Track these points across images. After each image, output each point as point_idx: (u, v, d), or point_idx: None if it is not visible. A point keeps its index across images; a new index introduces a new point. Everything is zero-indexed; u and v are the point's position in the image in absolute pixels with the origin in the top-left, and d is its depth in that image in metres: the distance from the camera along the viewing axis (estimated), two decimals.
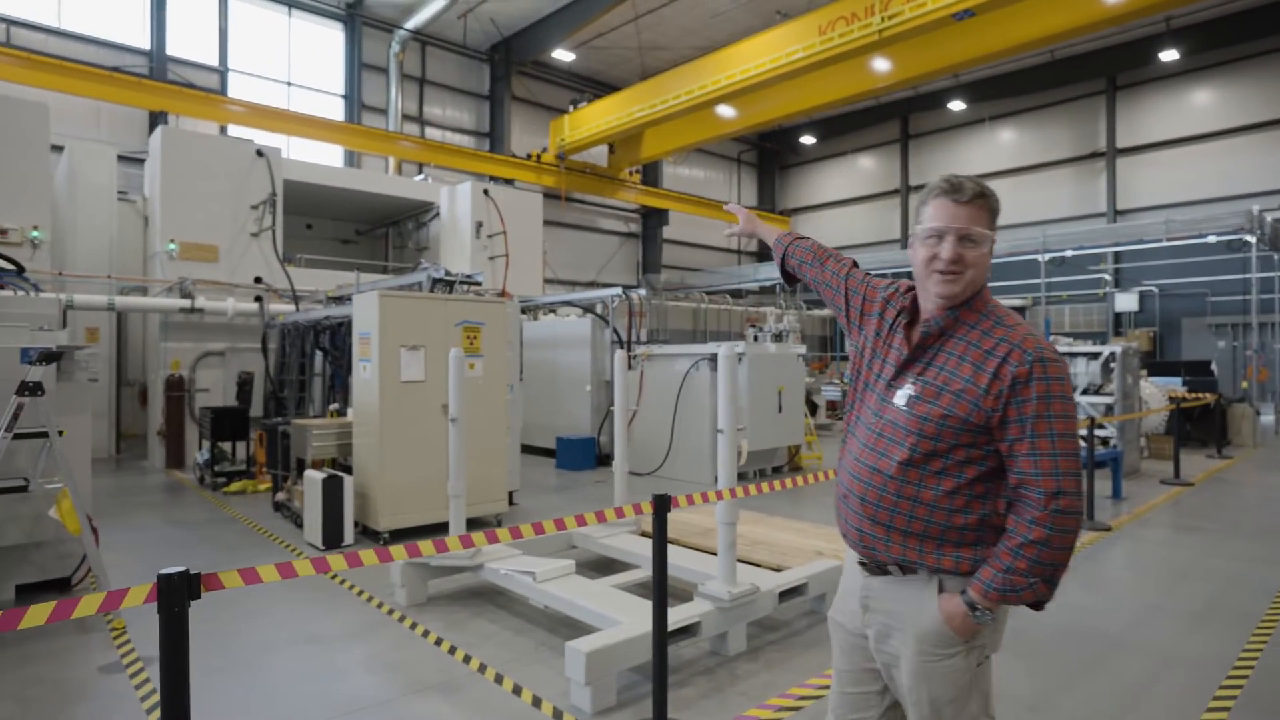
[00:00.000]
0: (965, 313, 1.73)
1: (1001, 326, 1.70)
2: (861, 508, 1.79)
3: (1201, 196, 19.30)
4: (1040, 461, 1.61)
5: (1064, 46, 20.08)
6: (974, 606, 1.67)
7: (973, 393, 1.66)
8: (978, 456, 1.68)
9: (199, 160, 10.32)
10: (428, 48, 19.60)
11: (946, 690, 1.72)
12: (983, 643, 1.75)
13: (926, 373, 1.74)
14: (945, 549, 1.71)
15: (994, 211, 1.75)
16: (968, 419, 1.66)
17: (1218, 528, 6.71)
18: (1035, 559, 1.60)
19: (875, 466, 1.77)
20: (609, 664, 3.32)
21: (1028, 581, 1.61)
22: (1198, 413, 12.12)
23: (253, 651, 3.97)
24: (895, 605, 1.78)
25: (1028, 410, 1.62)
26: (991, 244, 1.73)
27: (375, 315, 6.19)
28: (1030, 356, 1.63)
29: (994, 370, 1.65)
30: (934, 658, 1.72)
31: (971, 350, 1.70)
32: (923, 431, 1.70)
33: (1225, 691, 3.43)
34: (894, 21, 12.35)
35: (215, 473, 8.47)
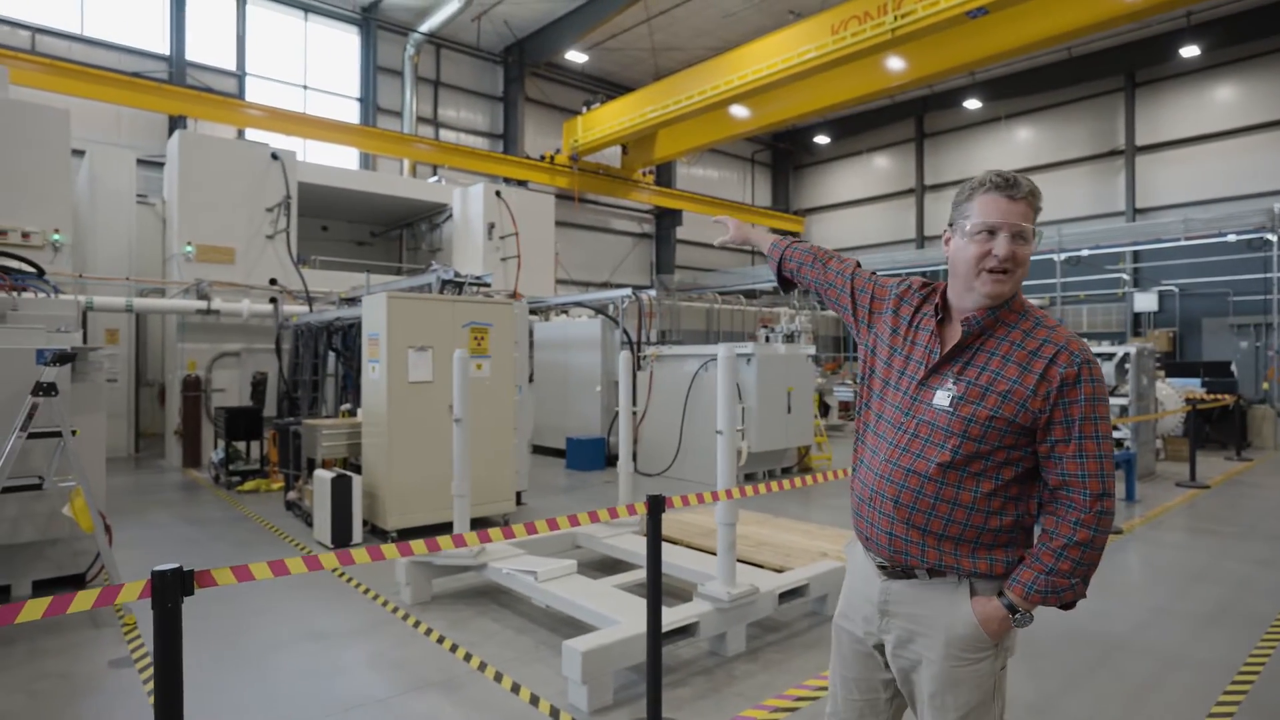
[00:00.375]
0: (1005, 312, 1.71)
1: (1043, 328, 1.69)
2: (895, 510, 1.75)
3: (1223, 194, 18.98)
4: (1087, 463, 1.63)
5: (1082, 43, 19.84)
6: (1014, 609, 1.67)
7: (1020, 394, 1.64)
8: (1017, 458, 1.68)
9: (215, 164, 10.47)
10: (442, 50, 19.74)
11: (974, 694, 1.72)
12: (1008, 645, 1.76)
13: (967, 373, 1.70)
14: (980, 552, 1.70)
15: (1039, 210, 1.72)
16: (1014, 420, 1.64)
17: (1232, 531, 6.61)
18: (1079, 560, 1.63)
19: (911, 468, 1.72)
20: (605, 663, 3.34)
21: (1070, 583, 1.64)
22: (1217, 414, 11.94)
23: (260, 647, 4.03)
24: (920, 609, 1.75)
25: (1074, 412, 1.62)
26: (1033, 236, 1.70)
27: (383, 316, 6.26)
28: (1079, 359, 1.63)
29: (1041, 371, 1.63)
30: (964, 662, 1.71)
31: (1015, 350, 1.67)
32: (968, 433, 1.67)
33: (1229, 696, 3.39)
34: (907, 20, 12.28)
35: (230, 472, 8.59)
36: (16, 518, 4.42)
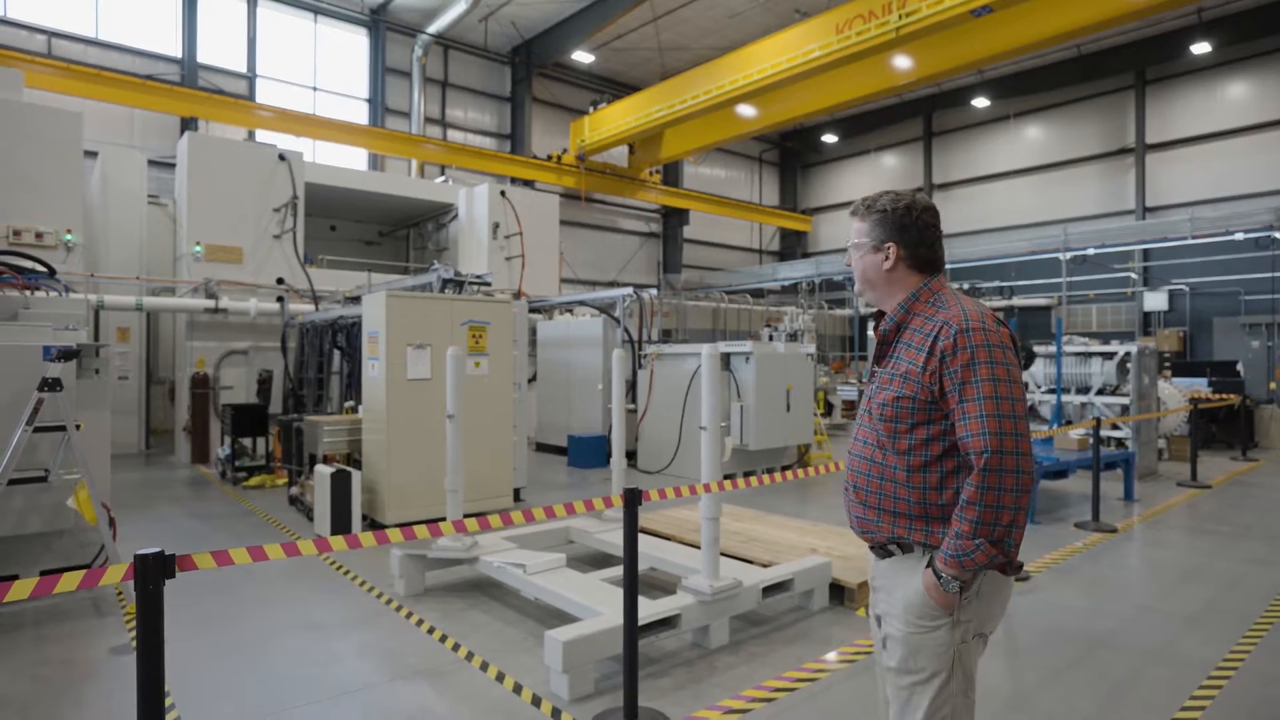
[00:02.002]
0: (915, 304, 1.93)
1: (942, 309, 1.87)
2: (854, 494, 1.99)
3: (1235, 193, 18.80)
4: (970, 424, 1.74)
5: (1090, 41, 19.71)
6: (939, 575, 1.78)
7: (914, 372, 1.84)
8: (937, 433, 1.83)
9: (224, 165, 10.64)
10: (450, 51, 19.89)
11: (931, 662, 1.82)
12: (969, 619, 1.83)
13: (888, 364, 1.95)
14: (933, 525, 1.84)
15: (872, 220, 1.99)
16: (915, 397, 1.83)
17: (1229, 530, 6.60)
18: (976, 520, 1.70)
19: (860, 455, 1.98)
20: (587, 653, 3.42)
21: (974, 544, 1.71)
22: (1223, 414, 11.87)
23: (258, 636, 4.15)
24: (890, 581, 1.93)
25: (956, 379, 1.77)
26: (871, 246, 1.99)
27: (382, 315, 6.37)
28: (954, 329, 1.79)
29: (929, 348, 1.82)
30: (918, 629, 1.84)
31: (916, 335, 1.88)
32: (883, 415, 1.90)
33: (1204, 691, 3.42)
34: (911, 19, 12.27)
35: (236, 468, 8.74)
36: (23, 509, 4.55)
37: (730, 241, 27.07)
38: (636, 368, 10.27)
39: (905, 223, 1.94)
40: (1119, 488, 8.08)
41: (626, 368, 10.23)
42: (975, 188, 24.19)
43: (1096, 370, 9.81)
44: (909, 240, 1.94)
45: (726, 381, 9.08)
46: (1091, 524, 6.63)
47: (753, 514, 6.51)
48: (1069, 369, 10.04)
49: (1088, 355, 9.94)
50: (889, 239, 1.95)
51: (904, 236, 1.94)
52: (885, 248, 1.95)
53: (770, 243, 28.75)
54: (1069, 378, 10.06)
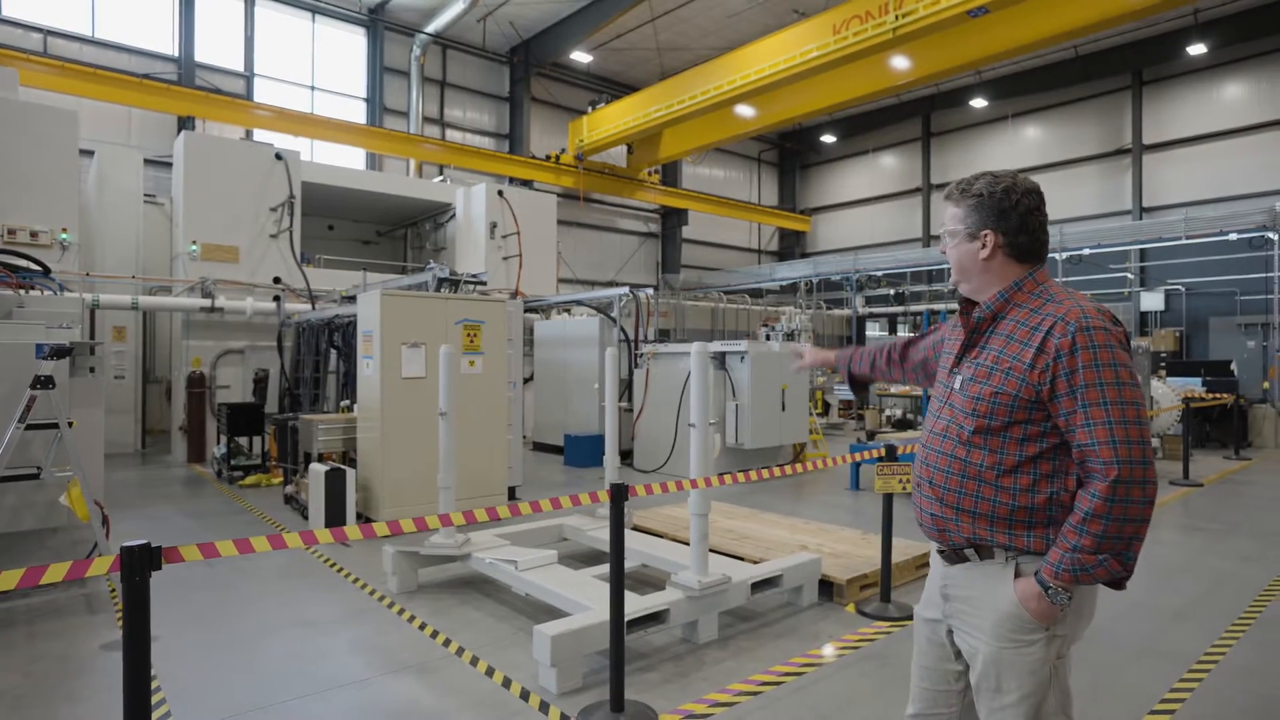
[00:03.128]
0: (1017, 295, 1.78)
1: (1051, 303, 1.73)
2: (932, 491, 1.86)
3: (1230, 193, 18.85)
4: (1095, 431, 1.60)
5: (1088, 41, 19.75)
6: (1046, 587, 1.66)
7: (1019, 369, 1.69)
8: (1035, 434, 1.70)
9: (220, 164, 10.66)
10: (448, 51, 19.92)
11: (1028, 681, 1.70)
12: (1064, 632, 1.72)
13: (981, 356, 1.80)
14: (1018, 529, 1.71)
15: (969, 204, 1.84)
16: (1017, 394, 1.69)
17: (1218, 528, 6.64)
18: (1100, 534, 1.58)
19: (941, 450, 1.84)
20: (575, 647, 3.45)
21: (1097, 559, 1.59)
22: (1217, 413, 11.91)
23: (250, 632, 4.17)
24: (972, 591, 1.79)
25: (1077, 380, 1.62)
26: (966, 234, 1.83)
27: (376, 313, 6.40)
28: (1073, 326, 1.64)
29: (1039, 344, 1.68)
30: (1013, 644, 1.71)
31: (1019, 329, 1.74)
32: (976, 411, 1.75)
33: (1184, 684, 3.45)
34: (908, 20, 12.30)
35: (232, 466, 8.76)
36: (16, 507, 4.58)
37: (729, 241, 27.10)
38: (633, 367, 10.29)
39: (1004, 207, 1.78)
40: None
41: (622, 367, 10.29)
42: None
43: None
44: (1008, 227, 1.78)
45: (722, 381, 9.11)
46: None
47: (745, 512, 6.54)
48: None
49: None
50: (986, 226, 1.79)
51: (1003, 223, 1.78)
52: (982, 235, 1.80)
53: (769, 243, 28.78)
54: None
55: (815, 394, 14.44)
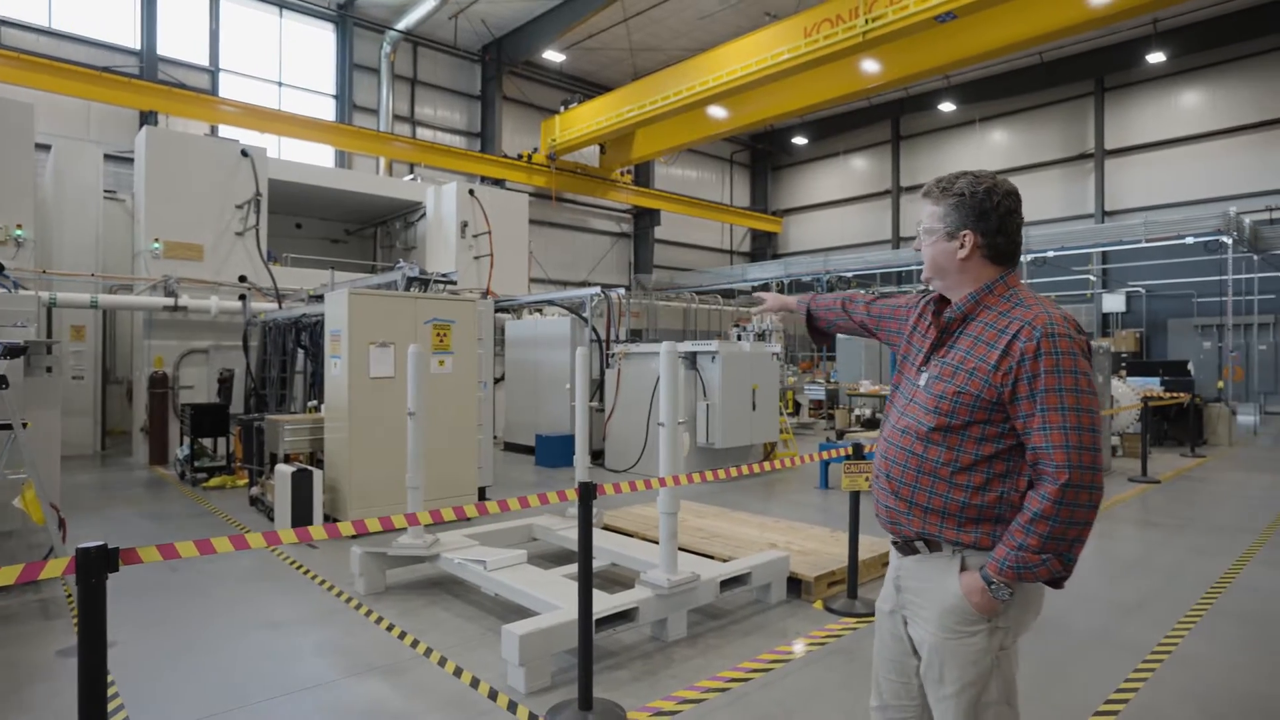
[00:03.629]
0: (987, 297, 1.81)
1: (1020, 307, 1.75)
2: (888, 484, 1.89)
3: (1188, 198, 19.42)
4: (1051, 435, 1.64)
5: (1052, 48, 20.20)
6: (990, 582, 1.70)
7: (984, 369, 1.72)
8: (993, 434, 1.74)
9: (184, 160, 10.45)
10: (419, 48, 19.75)
11: (970, 670, 1.75)
12: (1007, 625, 1.76)
13: (948, 355, 1.82)
14: (967, 525, 1.76)
15: (942, 202, 1.86)
16: (980, 395, 1.72)
17: (1173, 523, 6.83)
18: (1046, 534, 1.62)
19: (900, 445, 1.87)
20: (544, 646, 3.45)
21: (1040, 558, 1.64)
22: (1174, 412, 12.24)
23: (213, 636, 4.10)
24: (921, 583, 1.85)
25: (1038, 384, 1.65)
26: (945, 233, 1.84)
27: (344, 313, 6.33)
28: (1039, 332, 1.67)
29: (1004, 347, 1.70)
30: (956, 634, 1.76)
31: (988, 331, 1.77)
32: (939, 409, 1.78)
33: (1138, 674, 3.55)
34: (878, 24, 12.47)
35: (195, 468, 8.59)
36: None
37: (701, 242, 27.23)
38: (604, 367, 10.29)
39: (985, 208, 1.79)
40: None
41: (594, 367, 10.29)
42: None
43: None
44: (988, 229, 1.79)
45: (693, 381, 9.15)
46: None
47: (716, 511, 6.58)
48: None
49: None
50: (966, 226, 1.80)
51: (982, 224, 1.79)
52: (961, 235, 1.81)
53: (741, 243, 28.97)
54: None
55: (786, 394, 14.57)
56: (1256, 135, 18.98)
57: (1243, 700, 3.32)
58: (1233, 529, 6.54)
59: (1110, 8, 11.86)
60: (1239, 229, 14.30)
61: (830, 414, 15.63)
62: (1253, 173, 18.84)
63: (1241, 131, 19.19)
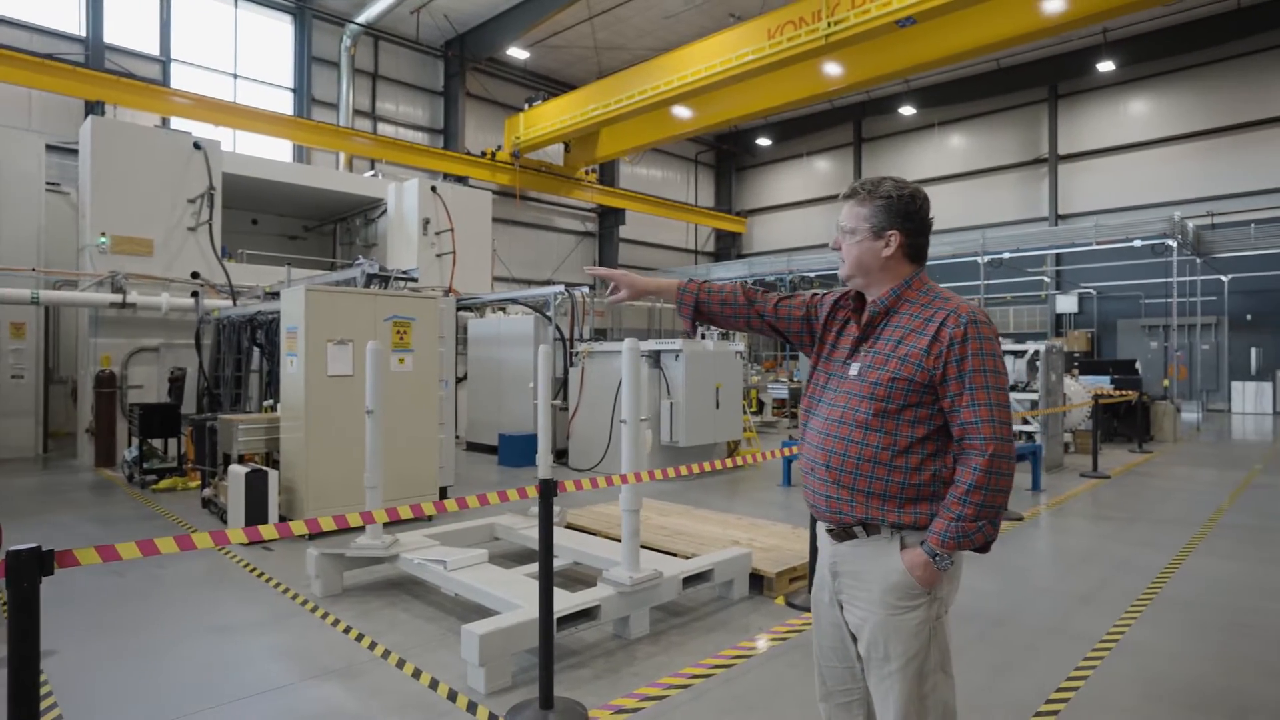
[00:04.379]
0: (907, 291, 1.95)
1: (940, 299, 1.92)
2: (828, 474, 1.95)
3: (1136, 203, 20.07)
4: (979, 411, 1.80)
5: (1009, 55, 20.71)
6: (934, 554, 1.83)
7: (915, 355, 1.85)
8: (925, 416, 1.87)
9: (132, 152, 10.10)
10: (380, 42, 19.42)
11: (910, 643, 1.87)
12: (942, 595, 1.90)
13: (876, 345, 1.94)
14: (905, 506, 1.87)
15: (868, 204, 1.96)
16: (913, 379, 1.85)
17: (1122, 516, 7.04)
18: (980, 503, 1.78)
19: (837, 435, 1.94)
20: (504, 646, 3.40)
21: (976, 525, 1.79)
22: (1123, 409, 12.63)
23: (161, 642, 3.96)
24: (861, 566, 1.93)
25: (965, 366, 1.81)
26: (871, 232, 1.94)
27: (301, 310, 6.18)
28: (965, 319, 1.84)
29: (933, 334, 1.85)
30: (898, 610, 1.87)
31: (914, 320, 1.90)
32: (875, 395, 1.88)
33: (1088, 662, 3.64)
34: (839, 27, 12.63)
35: (144, 470, 8.32)
36: None
37: (666, 242, 27.29)
38: (568, 366, 10.24)
39: (909, 210, 1.94)
40: (1025, 479, 8.51)
41: (558, 366, 10.23)
42: None
43: (1009, 368, 10.30)
44: (911, 229, 1.94)
45: (657, 379, 9.15)
46: None
47: (679, 509, 6.59)
48: None
49: None
50: (891, 226, 1.93)
51: (907, 225, 1.94)
52: (887, 235, 1.93)
53: (706, 243, 29.11)
54: None
55: (750, 393, 14.67)
56: (1200, 143, 19.70)
57: (1184, 685, 3.43)
58: (1177, 522, 6.77)
59: (1061, 17, 12.20)
60: (1183, 233, 14.82)
61: (793, 412, 15.78)
62: (1196, 179, 19.55)
63: (1186, 139, 19.91)
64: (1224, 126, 19.30)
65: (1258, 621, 4.24)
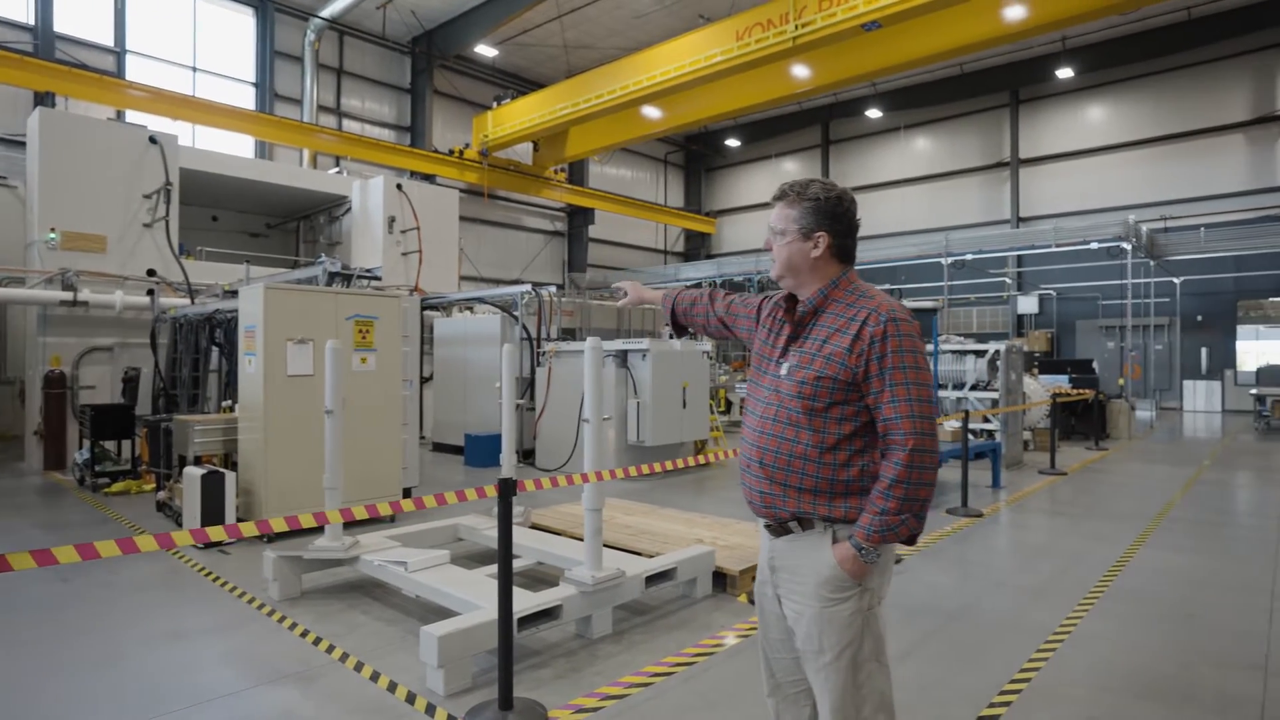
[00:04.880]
0: (834, 291, 1.99)
1: (864, 298, 1.96)
2: (761, 470, 2.01)
3: (1093, 206, 20.58)
4: (899, 406, 1.85)
5: (972, 60, 21.10)
6: (860, 548, 1.87)
7: (839, 354, 1.90)
8: (851, 413, 1.91)
9: (84, 145, 9.80)
10: (345, 37, 19.13)
11: (844, 633, 1.92)
12: (873, 586, 1.95)
13: (805, 345, 1.99)
14: (836, 500, 1.92)
15: (797, 205, 2.01)
16: (837, 377, 1.90)
17: (1078, 511, 7.21)
18: (903, 497, 1.83)
19: (771, 432, 1.99)
20: (464, 647, 3.37)
21: (900, 519, 1.84)
22: (1081, 408, 12.94)
23: (109, 649, 3.85)
24: (796, 560, 1.98)
25: (886, 364, 1.86)
26: (800, 233, 2.00)
27: (259, 308, 6.06)
28: (884, 317, 1.88)
29: (856, 332, 1.89)
30: (831, 602, 1.92)
31: (839, 320, 1.95)
32: (802, 393, 1.93)
33: (1041, 653, 3.72)
34: (807, 30, 12.74)
35: (96, 473, 8.08)
36: None
37: (636, 242, 27.30)
38: (535, 365, 10.19)
39: (837, 212, 1.99)
40: (986, 476, 8.68)
41: (525, 366, 10.17)
42: (870, 194, 25.36)
43: (970, 367, 10.49)
44: (838, 230, 1.99)
45: (624, 379, 9.15)
46: (961, 510, 7.09)
47: (645, 508, 6.59)
48: (946, 366, 10.68)
49: (962, 353, 10.61)
50: (820, 227, 1.98)
51: (835, 226, 1.99)
52: (816, 236, 1.98)
53: (675, 243, 29.18)
54: (946, 374, 10.70)
55: (717, 392, 14.74)
56: (1154, 149, 20.28)
57: (1131, 673, 3.52)
58: (1130, 516, 6.95)
59: (1022, 24, 12.46)
60: (1137, 236, 15.22)
61: None
62: (1150, 184, 20.12)
63: (1140, 145, 20.47)
64: (1176, 133, 19.89)
65: (1202, 611, 4.37)
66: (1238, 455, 11.23)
